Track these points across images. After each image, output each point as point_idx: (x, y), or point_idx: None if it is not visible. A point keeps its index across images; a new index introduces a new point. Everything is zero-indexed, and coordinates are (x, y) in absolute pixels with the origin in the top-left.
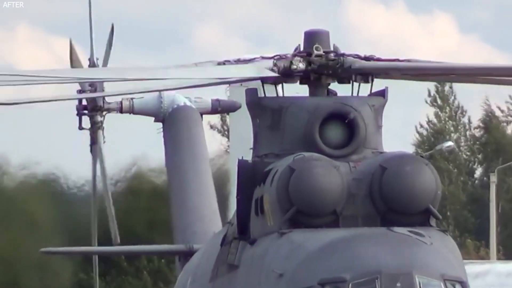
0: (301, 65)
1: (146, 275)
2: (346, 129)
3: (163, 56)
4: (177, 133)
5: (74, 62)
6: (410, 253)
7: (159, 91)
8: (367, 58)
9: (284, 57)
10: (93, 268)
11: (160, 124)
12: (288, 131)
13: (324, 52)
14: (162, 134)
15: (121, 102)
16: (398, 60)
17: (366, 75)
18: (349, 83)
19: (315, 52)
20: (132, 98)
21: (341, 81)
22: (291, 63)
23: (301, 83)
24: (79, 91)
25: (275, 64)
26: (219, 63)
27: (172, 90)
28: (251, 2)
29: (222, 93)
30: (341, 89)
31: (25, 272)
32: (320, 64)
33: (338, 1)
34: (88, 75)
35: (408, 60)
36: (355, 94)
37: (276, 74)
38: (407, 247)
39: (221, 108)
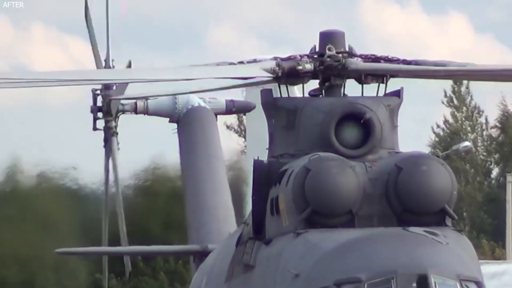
0: (309, 66)
1: (163, 275)
2: (362, 129)
3: (176, 56)
4: (192, 134)
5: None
6: (426, 253)
7: (173, 95)
8: (381, 59)
9: (295, 57)
10: (103, 268)
11: (175, 125)
12: (304, 131)
13: (337, 52)
14: (177, 134)
15: (135, 103)
16: (405, 61)
17: (374, 76)
18: (360, 83)
19: (328, 52)
20: (146, 99)
21: (359, 81)
22: (298, 63)
23: (318, 84)
24: (94, 93)
25: (278, 65)
26: (231, 64)
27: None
28: (265, 2)
29: (237, 94)
30: (357, 90)
31: (41, 272)
32: (328, 65)
33: (352, 1)
34: (102, 76)
35: (416, 61)
36: (370, 94)
37: (271, 76)
38: (423, 247)
39: (235, 109)
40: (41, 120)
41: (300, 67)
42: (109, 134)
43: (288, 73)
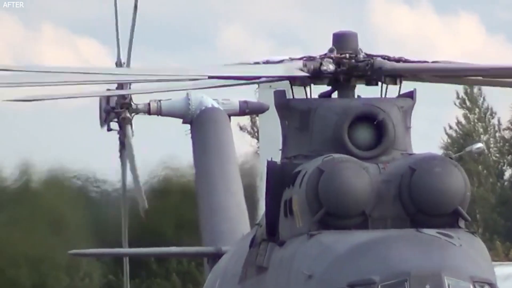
0: (331, 67)
1: (175, 277)
2: (375, 130)
3: (188, 57)
4: (205, 135)
5: None
6: (439, 254)
7: (189, 90)
8: (395, 60)
9: (313, 58)
10: (124, 270)
11: (188, 126)
12: (317, 132)
13: (353, 53)
14: (190, 135)
15: (148, 104)
16: (426, 61)
17: (396, 77)
18: (377, 84)
19: (347, 53)
20: (159, 100)
21: (369, 82)
22: (321, 64)
23: (328, 84)
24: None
25: (304, 65)
26: (255, 63)
27: (202, 89)
28: (276, 2)
29: (251, 95)
30: (370, 91)
31: (53, 274)
32: (350, 66)
33: (362, 2)
34: (115, 75)
35: (437, 62)
36: (383, 95)
37: (306, 74)
38: (436, 249)
39: (249, 110)
40: (53, 119)
41: (324, 68)
42: (123, 130)
43: (312, 73)
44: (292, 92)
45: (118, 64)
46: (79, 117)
